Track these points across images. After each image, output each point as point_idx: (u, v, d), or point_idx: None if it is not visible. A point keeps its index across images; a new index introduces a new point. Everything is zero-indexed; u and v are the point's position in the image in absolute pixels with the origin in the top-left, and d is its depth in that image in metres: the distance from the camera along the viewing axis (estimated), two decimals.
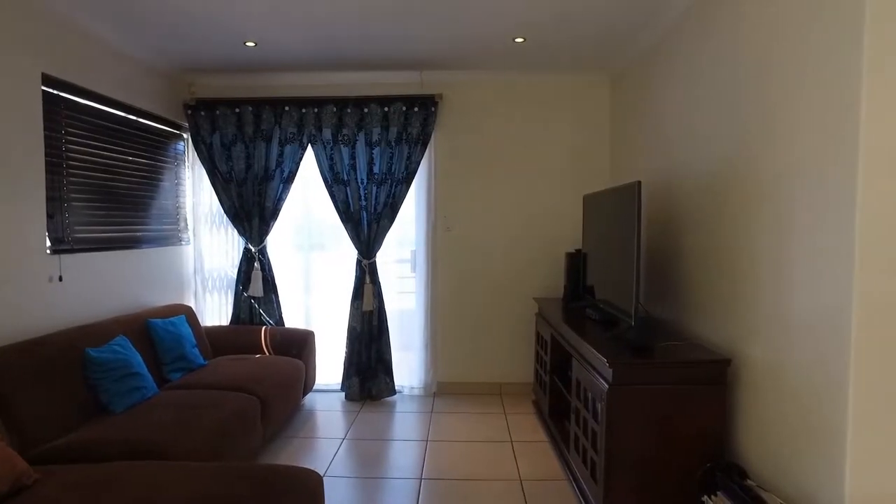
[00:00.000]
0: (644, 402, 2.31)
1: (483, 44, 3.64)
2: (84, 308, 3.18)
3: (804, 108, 2.00)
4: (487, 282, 4.39)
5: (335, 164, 4.19)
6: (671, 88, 3.16)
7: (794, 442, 2.04)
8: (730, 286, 2.48)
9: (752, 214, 2.32)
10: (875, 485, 1.77)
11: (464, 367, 4.42)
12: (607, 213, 3.04)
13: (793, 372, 2.05)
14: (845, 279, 1.78)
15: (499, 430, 3.62)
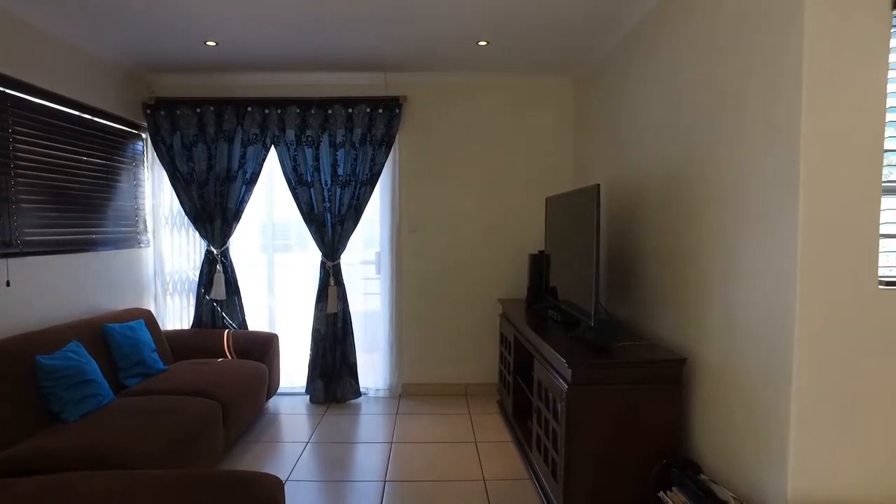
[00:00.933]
0: (602, 401, 2.36)
1: (447, 46, 3.67)
2: (35, 314, 3.08)
3: (749, 117, 2.09)
4: (452, 283, 4.42)
5: (299, 165, 4.16)
6: (629, 94, 3.24)
7: (743, 437, 2.13)
8: (685, 288, 2.56)
9: (704, 218, 2.40)
10: (813, 474, 1.87)
11: (429, 368, 4.44)
12: (569, 216, 3.10)
13: (742, 371, 2.13)
14: (789, 282, 1.87)
15: (463, 431, 3.65)
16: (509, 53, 3.80)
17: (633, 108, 3.19)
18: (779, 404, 1.91)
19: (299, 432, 3.66)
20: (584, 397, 2.35)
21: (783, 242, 1.90)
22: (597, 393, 2.36)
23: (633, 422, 2.38)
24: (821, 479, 1.87)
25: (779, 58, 1.92)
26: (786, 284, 1.88)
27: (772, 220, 1.96)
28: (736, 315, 2.17)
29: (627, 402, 2.38)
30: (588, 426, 2.36)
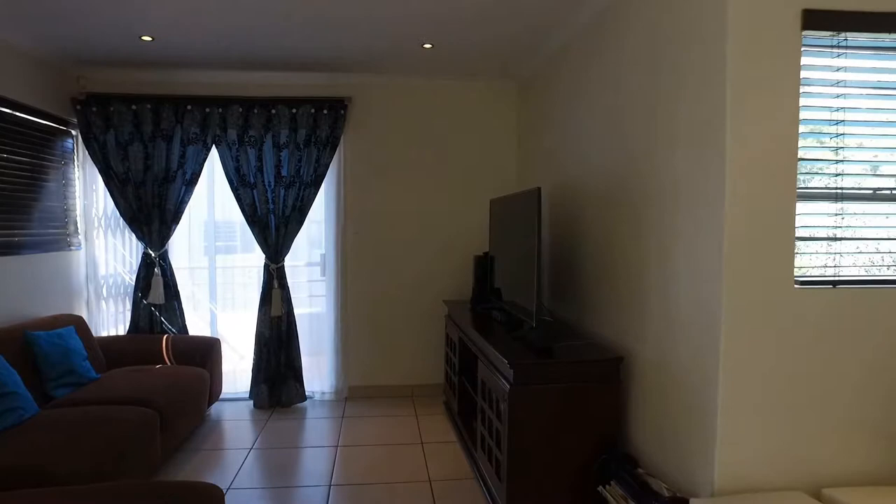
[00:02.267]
0: (544, 400, 2.42)
1: (392, 48, 3.67)
2: None
3: (681, 127, 2.19)
4: (398, 284, 4.42)
5: (241, 166, 4.06)
6: (570, 99, 3.34)
7: (676, 430, 2.23)
8: (624, 288, 2.66)
9: (641, 221, 2.50)
10: (738, 462, 1.98)
11: (375, 370, 4.43)
12: (511, 218, 3.16)
13: (675, 366, 2.24)
14: (716, 282, 1.97)
15: (410, 433, 3.67)
16: (454, 57, 3.84)
17: (574, 113, 3.29)
18: (707, 397, 2.02)
19: (242, 439, 3.58)
20: (526, 397, 2.40)
21: (711, 244, 2.00)
22: (538, 392, 2.42)
23: (573, 419, 2.46)
24: (744, 466, 1.98)
25: (706, 73, 2.03)
26: (713, 284, 1.99)
27: (701, 224, 2.06)
28: (670, 314, 2.27)
29: (568, 400, 2.45)
30: (530, 425, 2.42)
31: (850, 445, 2.04)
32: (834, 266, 2.11)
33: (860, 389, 2.03)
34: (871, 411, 2.04)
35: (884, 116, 2.09)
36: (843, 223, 2.09)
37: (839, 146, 2.07)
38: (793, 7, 1.93)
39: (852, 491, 1.93)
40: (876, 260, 2.17)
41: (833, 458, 2.03)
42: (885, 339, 2.04)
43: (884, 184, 2.13)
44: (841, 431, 2.03)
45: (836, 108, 2.04)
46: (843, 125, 2.06)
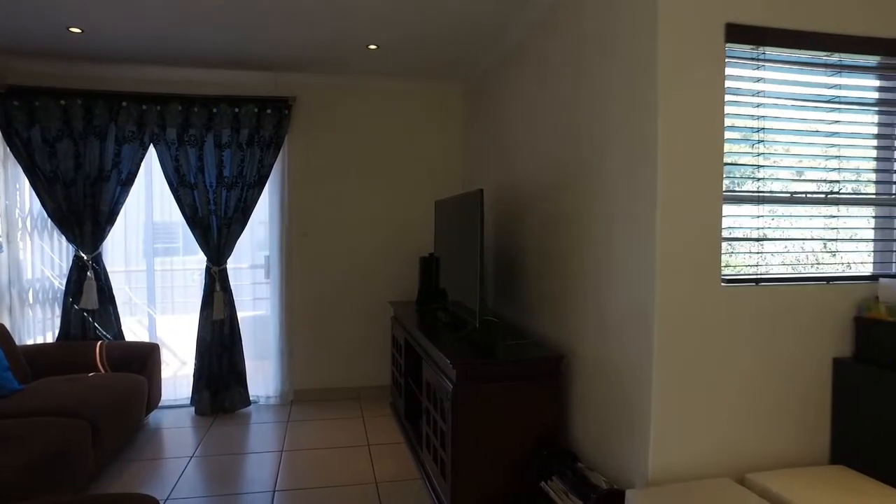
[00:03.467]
0: (486, 399, 2.46)
1: (338, 49, 3.64)
2: None
3: (616, 131, 2.28)
4: (344, 286, 4.39)
5: (181, 165, 3.94)
6: (514, 102, 3.40)
7: (613, 425, 2.31)
8: (564, 287, 2.73)
9: (581, 222, 2.57)
10: (669, 452, 2.07)
11: (321, 373, 4.38)
12: (455, 219, 3.20)
13: (612, 363, 2.32)
14: (649, 280, 2.05)
15: (356, 435, 3.65)
16: (399, 59, 3.85)
17: (517, 116, 3.36)
18: (642, 392, 2.10)
19: (183, 447, 3.47)
20: (469, 396, 2.43)
21: (644, 245, 2.08)
22: (481, 391, 2.45)
23: (516, 417, 2.50)
24: (676, 456, 2.08)
25: (639, 80, 2.12)
26: (646, 283, 2.07)
27: (635, 225, 2.14)
28: (607, 313, 2.35)
29: (510, 398, 2.49)
30: (473, 424, 2.45)
31: (771, 433, 2.17)
32: (756, 265, 2.24)
33: (780, 380, 2.17)
34: (790, 400, 2.18)
35: (798, 126, 2.24)
36: (765, 224, 2.22)
37: (760, 152, 2.20)
38: (717, 21, 2.04)
39: (772, 474, 2.05)
40: (795, 259, 2.32)
41: (756, 445, 2.15)
42: (801, 333, 2.19)
43: (801, 188, 2.28)
44: (763, 420, 2.16)
45: (757, 116, 2.17)
46: (764, 132, 2.19)
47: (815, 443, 2.23)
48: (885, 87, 2.36)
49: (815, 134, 2.26)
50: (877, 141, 2.37)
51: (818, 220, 2.32)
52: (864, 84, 2.34)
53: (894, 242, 2.39)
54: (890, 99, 2.36)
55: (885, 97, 2.36)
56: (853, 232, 2.40)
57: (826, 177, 2.32)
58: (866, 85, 2.34)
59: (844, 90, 2.29)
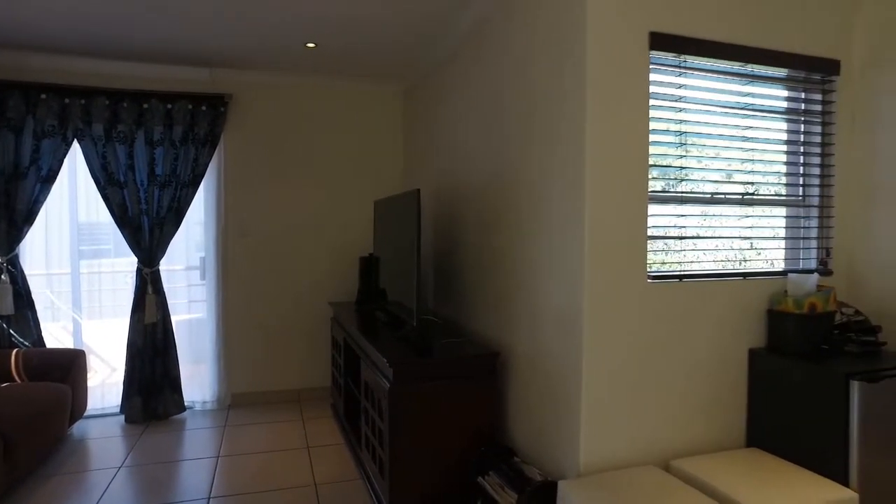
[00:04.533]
0: (424, 397, 2.48)
1: (275, 46, 3.58)
2: None
3: (546, 137, 2.34)
4: (283, 287, 4.31)
5: (109, 163, 3.77)
6: (451, 104, 3.44)
7: (547, 420, 2.38)
8: (500, 286, 2.79)
9: (515, 222, 2.64)
10: (599, 444, 2.15)
11: (260, 376, 4.28)
12: (394, 219, 3.21)
13: (545, 359, 2.38)
14: (578, 278, 2.13)
15: (296, 438, 3.59)
16: (338, 57, 3.82)
17: (454, 117, 3.40)
18: (572, 387, 2.17)
19: (110, 457, 3.31)
20: (406, 395, 2.45)
21: (574, 243, 2.16)
22: (418, 390, 2.47)
23: (453, 415, 2.53)
24: (606, 447, 2.16)
25: (569, 85, 2.19)
26: (575, 280, 2.14)
27: (566, 224, 2.22)
28: (539, 310, 2.42)
29: (447, 396, 2.52)
30: (411, 422, 2.46)
31: (693, 421, 2.29)
32: (679, 262, 2.36)
33: (701, 370, 2.29)
34: (710, 389, 2.31)
35: (716, 130, 2.38)
36: (687, 223, 2.34)
37: (682, 155, 2.32)
38: (642, 29, 2.14)
39: (694, 459, 2.17)
40: (715, 256, 2.46)
41: (680, 433, 2.27)
42: (721, 326, 2.32)
43: (720, 189, 2.42)
44: (686, 409, 2.28)
45: (680, 120, 2.29)
46: (686, 136, 2.31)
47: (732, 428, 2.37)
48: (792, 98, 2.54)
49: (732, 139, 2.41)
50: (786, 147, 2.55)
51: (735, 220, 2.47)
52: (775, 94, 2.51)
53: (802, 241, 2.58)
54: (796, 108, 2.54)
55: (792, 107, 2.54)
56: (766, 231, 2.56)
57: (742, 179, 2.47)
58: (776, 95, 2.52)
59: (757, 99, 2.46)
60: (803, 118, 2.55)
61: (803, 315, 2.27)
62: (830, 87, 2.52)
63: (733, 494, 1.89)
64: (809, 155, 2.55)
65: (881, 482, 2.02)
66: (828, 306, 2.31)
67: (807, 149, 2.55)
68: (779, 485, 1.95)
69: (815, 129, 2.55)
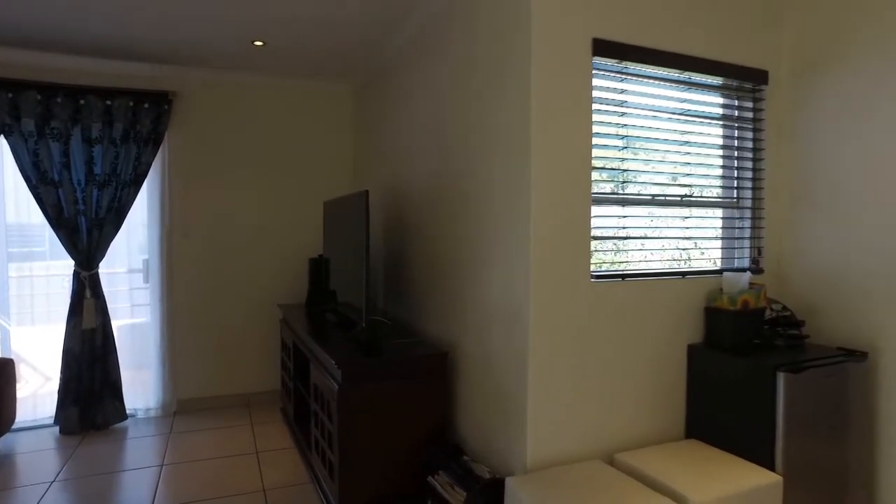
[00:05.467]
0: (373, 398, 2.48)
1: (222, 43, 3.50)
2: None
3: (495, 137, 2.38)
4: (232, 289, 4.22)
5: (42, 161, 3.59)
6: (401, 105, 3.45)
7: (495, 417, 2.41)
8: (448, 286, 2.81)
9: (463, 221, 2.66)
10: (546, 440, 2.19)
11: (208, 380, 4.17)
12: (343, 220, 3.19)
13: (493, 359, 2.42)
14: (524, 277, 2.17)
15: (244, 443, 3.51)
16: (287, 57, 3.77)
17: (404, 118, 3.41)
18: (519, 385, 2.21)
19: (42, 471, 3.14)
20: (355, 396, 2.44)
21: (520, 243, 2.20)
22: (367, 391, 2.46)
23: (403, 415, 2.54)
24: (552, 443, 2.21)
25: (515, 88, 2.23)
26: (522, 280, 2.18)
27: (511, 226, 2.26)
28: (487, 309, 2.45)
29: (396, 397, 2.52)
30: (360, 424, 2.45)
31: (636, 415, 2.37)
32: (622, 262, 2.44)
33: (643, 366, 2.38)
34: (652, 384, 2.40)
35: (657, 134, 2.47)
36: (629, 224, 2.43)
37: (625, 158, 2.40)
38: (585, 35, 2.20)
39: (637, 452, 2.25)
40: (655, 255, 2.55)
41: (623, 428, 2.34)
42: (661, 323, 2.41)
43: (660, 191, 2.52)
44: (629, 404, 2.35)
45: (622, 125, 2.37)
46: (628, 140, 2.39)
47: (673, 421, 2.46)
48: (727, 105, 2.67)
49: (672, 143, 2.51)
50: (722, 151, 2.67)
51: (676, 221, 2.57)
52: (711, 101, 2.63)
53: (736, 241, 2.71)
54: (730, 115, 2.67)
55: (727, 113, 2.67)
56: (704, 231, 2.68)
57: (682, 182, 2.57)
58: (712, 102, 2.64)
59: (695, 105, 2.57)
60: (737, 125, 2.68)
61: (737, 311, 2.38)
62: (760, 95, 2.66)
63: (672, 484, 1.97)
64: (743, 160, 2.69)
65: (802, 465, 2.15)
66: (759, 303, 2.44)
67: (740, 154, 2.68)
68: (713, 473, 2.04)
69: (748, 136, 2.69)
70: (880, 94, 2.29)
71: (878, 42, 2.31)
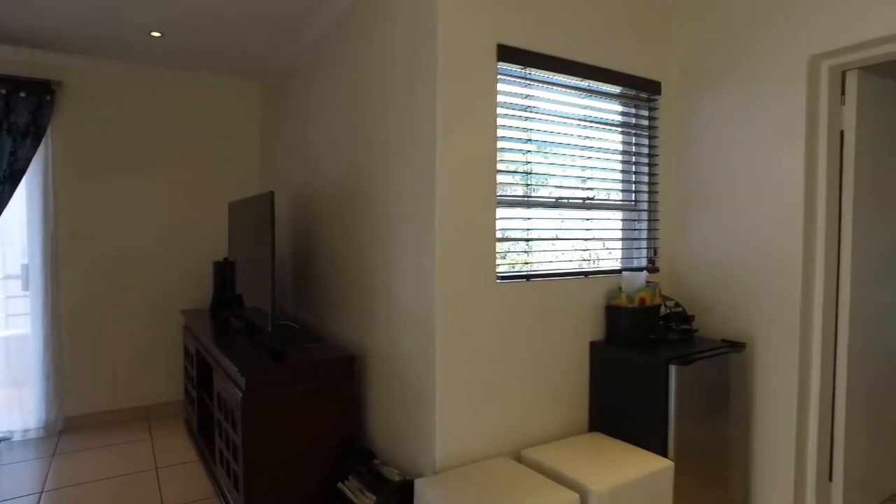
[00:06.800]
0: (279, 405, 2.39)
1: (112, 32, 3.25)
2: None
3: (400, 141, 2.37)
4: (129, 295, 3.93)
5: None
6: (308, 105, 3.37)
7: (404, 419, 2.40)
8: (357, 288, 2.77)
9: (371, 224, 2.64)
10: (453, 441, 2.21)
11: (101, 394, 3.86)
12: (249, 222, 3.06)
13: (401, 360, 2.41)
14: (430, 280, 2.17)
15: (142, 459, 3.28)
16: (189, 50, 3.57)
17: (314, 118, 3.32)
18: (427, 385, 2.22)
19: None
20: (260, 404, 2.34)
21: (426, 245, 2.20)
22: (272, 398, 2.37)
23: (311, 421, 2.47)
24: (460, 442, 2.23)
25: (421, 92, 2.23)
26: (428, 282, 2.19)
27: (419, 226, 2.25)
28: (395, 312, 2.44)
29: (303, 402, 2.45)
30: (266, 432, 2.36)
31: (541, 411, 2.44)
32: (527, 263, 2.51)
33: (548, 364, 2.45)
34: (556, 381, 2.48)
35: (560, 139, 2.56)
36: (533, 226, 2.50)
37: (529, 161, 2.47)
38: (490, 41, 2.24)
39: (542, 447, 2.32)
40: (563, 256, 2.64)
41: (529, 424, 2.41)
42: (565, 322, 2.50)
43: (564, 194, 2.61)
44: (534, 401, 2.42)
45: (527, 129, 2.43)
46: (532, 143, 2.46)
47: (577, 416, 2.56)
48: (625, 113, 2.82)
49: (575, 147, 2.61)
50: (621, 156, 2.81)
51: (580, 223, 2.68)
52: (611, 108, 2.76)
53: (635, 241, 2.86)
54: (628, 122, 2.82)
55: (626, 120, 2.82)
56: (606, 233, 2.81)
57: (584, 185, 2.68)
58: (612, 109, 2.77)
59: (596, 112, 2.68)
60: (634, 132, 2.83)
61: (634, 308, 2.51)
62: (655, 105, 2.83)
63: (574, 476, 2.05)
64: (640, 164, 2.84)
65: (691, 450, 2.31)
66: (654, 300, 2.59)
67: (637, 159, 2.84)
68: (612, 463, 2.14)
69: (644, 142, 2.85)
70: (749, 107, 2.51)
71: (742, 62, 2.54)
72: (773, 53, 2.43)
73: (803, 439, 2.43)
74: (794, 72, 2.36)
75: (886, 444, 2.73)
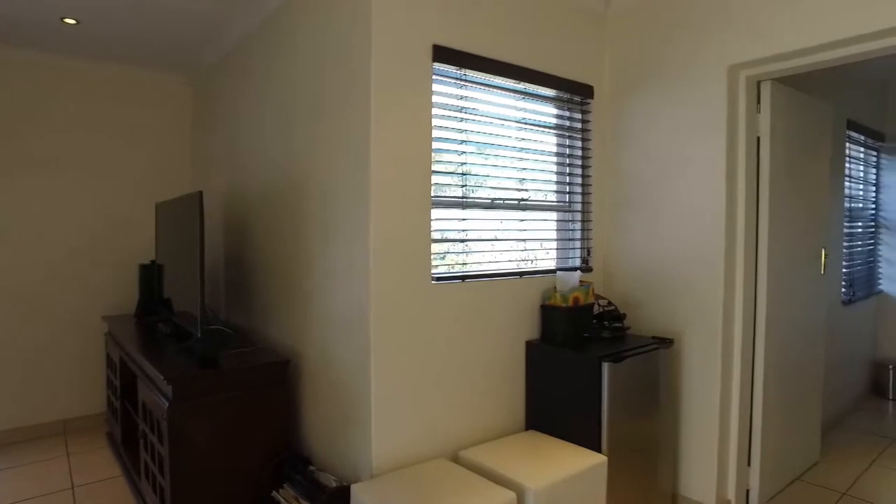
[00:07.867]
0: (208, 413, 2.29)
1: (21, 14, 3.02)
2: None
3: (334, 142, 2.33)
4: (44, 301, 3.66)
5: None
6: (242, 102, 3.26)
7: (341, 424, 2.36)
8: (291, 291, 2.70)
9: (304, 225, 2.57)
10: (389, 443, 2.19)
11: (6, 411, 3.57)
12: (176, 223, 2.93)
13: (336, 363, 2.36)
14: (364, 282, 2.14)
15: (57, 479, 3.05)
16: (108, 41, 3.37)
17: (244, 117, 3.22)
18: (362, 388, 2.18)
19: None
20: (188, 413, 2.23)
21: (360, 247, 2.17)
22: (201, 406, 2.27)
23: (243, 428, 2.38)
24: (397, 446, 2.20)
25: (355, 91, 2.20)
26: (362, 283, 2.15)
27: (351, 229, 2.22)
28: (330, 315, 2.39)
29: (235, 409, 2.36)
30: (194, 442, 2.25)
31: (479, 411, 2.45)
32: (462, 264, 2.51)
33: (484, 364, 2.47)
34: (493, 381, 2.50)
35: (496, 140, 2.58)
36: (469, 227, 2.51)
37: (465, 162, 2.47)
38: (426, 41, 2.23)
39: (480, 447, 2.33)
40: (495, 257, 2.66)
41: (467, 424, 2.41)
42: (501, 322, 2.53)
43: (499, 195, 2.63)
44: (471, 401, 2.43)
45: (462, 130, 2.44)
46: (468, 144, 2.47)
47: (514, 415, 2.59)
48: (560, 115, 2.88)
49: (511, 149, 2.64)
50: (556, 158, 2.87)
51: (516, 223, 2.71)
52: (546, 111, 2.81)
53: (569, 242, 2.93)
54: (563, 125, 2.88)
55: (560, 123, 2.88)
56: (542, 233, 2.86)
57: (520, 186, 2.72)
58: (547, 112, 2.82)
59: (531, 114, 2.73)
60: (568, 134, 2.90)
61: (569, 308, 2.57)
62: (588, 108, 2.91)
63: (511, 475, 2.07)
64: (574, 166, 2.91)
65: (624, 445, 2.38)
66: (588, 299, 2.65)
67: (571, 161, 2.91)
68: (548, 460, 2.18)
69: (577, 144, 2.92)
70: (673, 112, 2.62)
71: (666, 69, 2.66)
72: (695, 62, 2.55)
73: (726, 429, 2.56)
74: (715, 80, 2.48)
75: (795, 430, 2.92)
